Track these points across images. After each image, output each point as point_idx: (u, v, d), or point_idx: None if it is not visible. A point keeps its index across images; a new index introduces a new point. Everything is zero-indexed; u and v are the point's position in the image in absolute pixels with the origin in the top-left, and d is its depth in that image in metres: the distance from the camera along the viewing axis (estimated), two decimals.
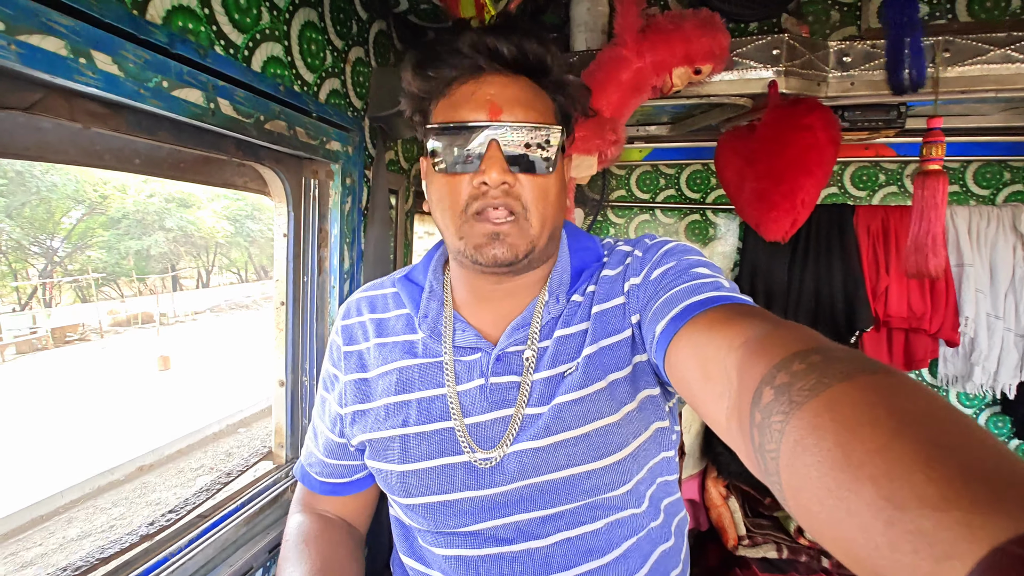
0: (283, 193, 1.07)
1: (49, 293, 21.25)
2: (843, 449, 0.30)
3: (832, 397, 0.34)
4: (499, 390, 0.71)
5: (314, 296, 1.14)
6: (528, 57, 0.67)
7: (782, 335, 0.44)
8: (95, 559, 0.74)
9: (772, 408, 0.37)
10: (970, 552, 0.22)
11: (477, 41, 0.66)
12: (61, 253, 20.69)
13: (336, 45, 1.08)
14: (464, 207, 0.67)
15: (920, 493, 0.26)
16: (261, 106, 0.85)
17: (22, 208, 17.61)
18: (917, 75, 1.15)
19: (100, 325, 18.70)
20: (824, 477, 0.31)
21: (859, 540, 0.28)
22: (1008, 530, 0.22)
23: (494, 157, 0.64)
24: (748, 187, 1.26)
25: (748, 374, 0.42)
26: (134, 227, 21.52)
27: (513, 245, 0.67)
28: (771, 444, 0.36)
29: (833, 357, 0.38)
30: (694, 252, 0.71)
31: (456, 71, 0.67)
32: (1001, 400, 1.90)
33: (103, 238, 21.07)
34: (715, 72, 1.16)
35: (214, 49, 0.76)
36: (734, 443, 0.46)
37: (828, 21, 1.46)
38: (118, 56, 0.61)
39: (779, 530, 1.53)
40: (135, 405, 9.70)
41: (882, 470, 0.28)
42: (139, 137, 0.74)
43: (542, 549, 0.68)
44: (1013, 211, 1.76)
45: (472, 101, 0.66)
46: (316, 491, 0.86)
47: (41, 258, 20.23)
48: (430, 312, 0.77)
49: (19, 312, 19.17)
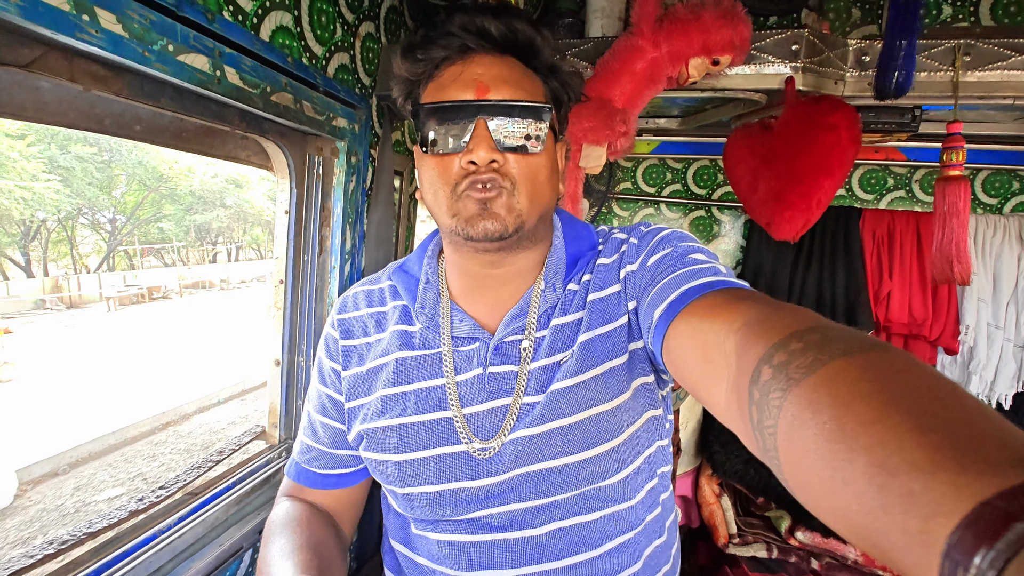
0: (286, 169, 1.05)
1: (141, 257, 26.54)
2: (838, 422, 0.31)
3: (828, 374, 0.35)
4: (497, 379, 0.71)
5: (314, 275, 1.12)
6: (517, 37, 0.67)
7: (781, 316, 0.45)
8: (82, 533, 0.73)
9: (770, 386, 0.38)
10: (956, 509, 0.23)
11: (466, 21, 0.66)
12: (133, 225, 24.25)
13: (347, 18, 1.05)
14: (454, 186, 0.67)
15: (910, 458, 0.27)
16: (268, 76, 0.82)
17: (115, 182, 20.64)
18: (904, 80, 1.13)
19: (179, 287, 22.70)
20: (820, 449, 0.32)
21: (854, 507, 0.29)
22: (994, 486, 0.23)
23: (481, 136, 0.64)
24: (764, 186, 1.24)
25: (747, 355, 0.43)
26: (197, 203, 24.99)
27: (502, 217, 0.67)
28: (769, 420, 0.37)
29: (831, 336, 0.39)
30: (689, 239, 0.71)
31: (445, 51, 0.67)
32: (997, 410, 1.90)
33: (170, 213, 24.52)
34: (735, 64, 1.13)
35: (222, 15, 0.74)
36: (733, 423, 0.46)
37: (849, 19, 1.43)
38: (123, 15, 0.59)
39: (770, 530, 1.53)
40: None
41: (875, 440, 0.29)
42: (141, 103, 0.71)
43: (535, 538, 0.68)
44: (1020, 221, 1.75)
45: (460, 81, 0.66)
46: (316, 486, 0.82)
47: (127, 226, 24.11)
48: (427, 303, 0.77)
49: (111, 272, 23.79)
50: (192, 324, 14.08)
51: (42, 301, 18.09)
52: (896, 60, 1.13)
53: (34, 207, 16.79)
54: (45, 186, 15.76)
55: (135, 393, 7.72)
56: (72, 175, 17.35)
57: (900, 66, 1.13)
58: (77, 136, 15.59)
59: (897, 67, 1.13)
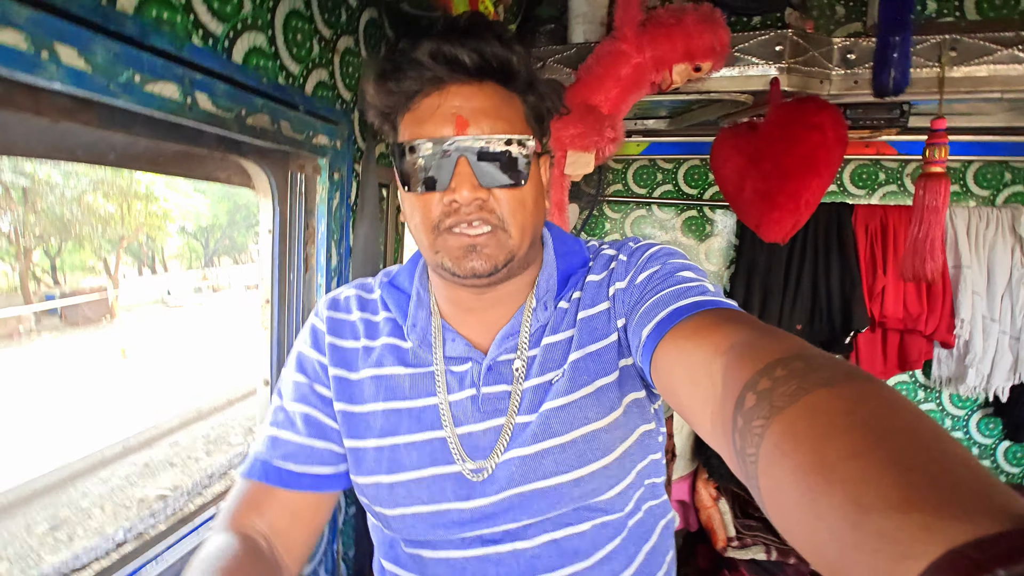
0: (268, 188, 1.04)
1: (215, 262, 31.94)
2: (818, 455, 0.31)
3: (811, 403, 0.35)
4: (491, 400, 0.70)
5: (300, 294, 1.11)
6: (491, 63, 0.64)
7: (768, 342, 0.45)
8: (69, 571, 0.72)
9: (754, 413, 0.38)
10: (926, 553, 0.23)
11: (436, 51, 0.62)
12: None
13: (324, 34, 1.04)
14: (436, 224, 0.65)
15: (886, 496, 0.26)
16: (243, 99, 0.81)
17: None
18: (900, 77, 1.13)
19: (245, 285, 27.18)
20: (798, 481, 0.32)
21: (827, 542, 0.29)
22: (966, 534, 0.22)
23: (463, 173, 0.62)
24: (750, 186, 1.23)
25: (732, 379, 0.43)
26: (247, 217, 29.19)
27: (491, 256, 0.65)
28: (751, 448, 0.37)
29: (815, 364, 0.39)
30: (679, 255, 0.71)
31: (417, 84, 0.64)
32: (993, 402, 1.90)
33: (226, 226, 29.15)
34: (714, 70, 1.13)
35: (191, 40, 0.73)
36: (718, 446, 0.46)
37: (833, 16, 1.42)
38: (85, 49, 0.57)
39: (768, 532, 1.53)
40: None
41: (853, 475, 0.29)
42: (113, 132, 0.70)
43: (528, 551, 0.67)
44: (1013, 212, 1.74)
45: (437, 115, 0.63)
46: (288, 486, 0.72)
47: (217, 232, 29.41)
48: (419, 321, 0.76)
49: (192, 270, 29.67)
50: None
51: (199, 288, 25.27)
52: (891, 58, 1.12)
53: (197, 218, 23.60)
54: (194, 201, 21.71)
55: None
56: (210, 193, 22.53)
57: (896, 63, 1.12)
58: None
59: (893, 65, 1.12)
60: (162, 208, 18.80)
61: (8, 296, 16.45)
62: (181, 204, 20.53)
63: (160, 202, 18.50)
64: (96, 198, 16.80)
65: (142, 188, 17.29)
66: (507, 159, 0.64)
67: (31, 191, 15.32)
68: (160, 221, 19.33)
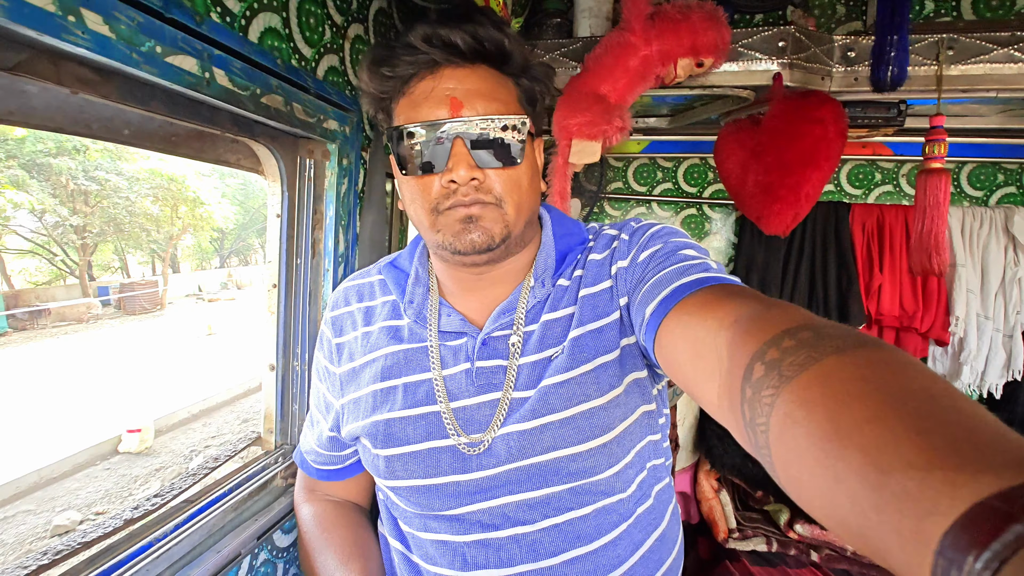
0: (277, 172, 1.04)
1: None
2: (833, 421, 0.31)
3: (822, 371, 0.34)
4: (485, 374, 0.71)
5: (307, 279, 1.11)
6: (485, 45, 0.65)
7: (773, 314, 0.45)
8: (77, 543, 0.72)
9: (763, 383, 0.38)
10: (952, 508, 0.23)
11: (430, 34, 0.64)
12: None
13: (335, 20, 1.04)
14: (435, 205, 0.66)
15: (907, 458, 0.26)
16: (258, 79, 0.82)
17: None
18: (898, 73, 1.15)
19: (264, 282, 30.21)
20: (813, 448, 0.31)
21: (847, 506, 0.29)
22: (991, 486, 0.22)
23: (460, 154, 0.64)
24: (752, 180, 1.25)
25: (739, 351, 0.43)
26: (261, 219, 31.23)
27: (488, 229, 0.66)
28: (761, 418, 0.37)
29: (824, 333, 0.38)
30: (680, 234, 0.71)
31: (412, 67, 0.66)
32: (988, 399, 1.92)
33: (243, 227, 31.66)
34: (715, 66, 1.15)
35: (210, 16, 0.73)
36: (725, 420, 0.46)
37: (834, 15, 1.45)
38: (109, 16, 0.58)
39: (769, 523, 1.54)
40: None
41: (870, 439, 0.29)
42: (130, 106, 0.71)
43: (530, 535, 0.68)
44: (1006, 213, 1.77)
45: (432, 98, 0.65)
46: (315, 477, 0.88)
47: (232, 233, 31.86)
48: (415, 298, 0.77)
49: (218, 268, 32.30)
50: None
51: (225, 284, 27.56)
52: (888, 54, 1.15)
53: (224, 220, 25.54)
54: (220, 206, 23.71)
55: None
56: (232, 199, 25.66)
57: (893, 59, 1.15)
58: (229, 171, 21.08)
59: (891, 60, 1.14)
60: (207, 211, 21.41)
61: (68, 289, 18.72)
62: (212, 210, 22.91)
63: (205, 206, 21.12)
64: (154, 203, 19.08)
65: (190, 193, 19.71)
66: (502, 140, 0.65)
67: (97, 194, 17.01)
68: (204, 223, 22.22)
